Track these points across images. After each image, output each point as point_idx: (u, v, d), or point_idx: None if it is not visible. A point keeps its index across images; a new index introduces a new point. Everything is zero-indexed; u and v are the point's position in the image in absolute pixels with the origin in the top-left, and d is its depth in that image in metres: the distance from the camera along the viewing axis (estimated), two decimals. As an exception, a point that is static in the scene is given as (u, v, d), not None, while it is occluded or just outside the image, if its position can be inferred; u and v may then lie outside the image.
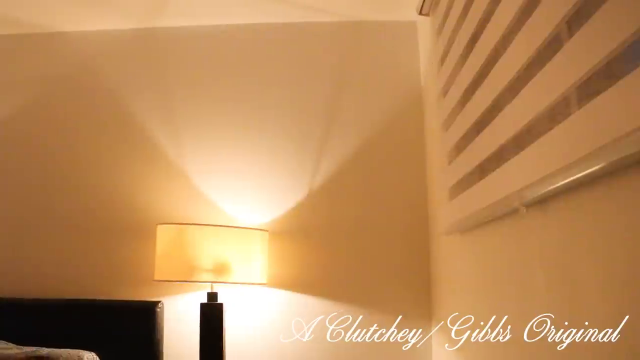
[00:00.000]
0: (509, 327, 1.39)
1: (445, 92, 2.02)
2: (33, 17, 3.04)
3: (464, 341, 1.94)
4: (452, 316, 2.17)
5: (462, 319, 1.97)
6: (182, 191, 2.90)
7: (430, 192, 2.68)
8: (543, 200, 1.12)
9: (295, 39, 3.00)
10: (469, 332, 1.87)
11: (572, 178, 0.93)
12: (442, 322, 2.39)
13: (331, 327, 2.73)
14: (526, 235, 1.26)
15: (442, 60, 2.08)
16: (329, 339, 2.72)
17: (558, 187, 1.00)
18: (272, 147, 2.90)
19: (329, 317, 2.74)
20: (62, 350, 2.58)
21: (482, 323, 1.67)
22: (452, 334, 2.15)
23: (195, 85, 3.01)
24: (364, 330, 2.71)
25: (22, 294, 2.90)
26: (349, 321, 2.72)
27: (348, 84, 2.91)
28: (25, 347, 2.63)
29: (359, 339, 2.70)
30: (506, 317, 1.42)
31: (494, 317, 1.53)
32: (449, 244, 2.17)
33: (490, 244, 1.57)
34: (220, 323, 2.53)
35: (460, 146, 1.77)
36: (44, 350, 2.57)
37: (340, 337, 2.72)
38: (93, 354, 2.58)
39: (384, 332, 2.69)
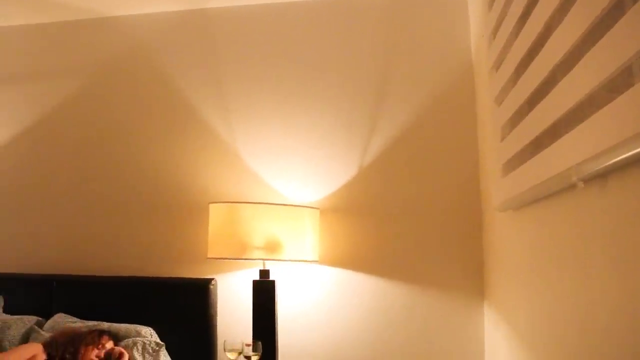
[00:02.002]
0: (565, 308, 1.36)
1: (497, 66, 1.97)
2: (83, 3, 3.10)
3: (517, 320, 1.91)
4: (505, 294, 2.14)
5: (516, 297, 1.94)
6: (233, 170, 2.94)
7: (482, 169, 2.64)
8: (602, 175, 1.09)
9: (344, 15, 2.97)
10: (522, 311, 1.84)
11: (634, 151, 0.89)
12: (495, 300, 2.36)
13: (383, 305, 2.74)
14: (584, 211, 1.22)
15: (494, 33, 2.03)
16: (380, 316, 2.73)
17: (619, 160, 0.96)
18: (322, 124, 2.90)
19: (381, 294, 2.74)
20: (122, 325, 2.67)
21: (536, 303, 1.65)
22: (505, 313, 2.13)
23: (244, 64, 3.03)
24: (416, 308, 2.70)
25: (84, 271, 3.02)
26: (401, 299, 2.72)
27: (398, 60, 2.88)
28: (88, 322, 2.74)
29: (410, 316, 2.70)
30: (562, 297, 1.39)
31: (549, 297, 1.50)
32: (503, 220, 2.14)
33: (546, 220, 1.53)
34: (272, 300, 2.58)
35: (514, 121, 1.73)
36: (105, 325, 2.67)
37: (392, 315, 2.72)
38: (150, 328, 2.67)
39: (435, 309, 2.68)
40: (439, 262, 2.72)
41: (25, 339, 2.70)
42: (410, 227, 2.77)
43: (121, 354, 2.44)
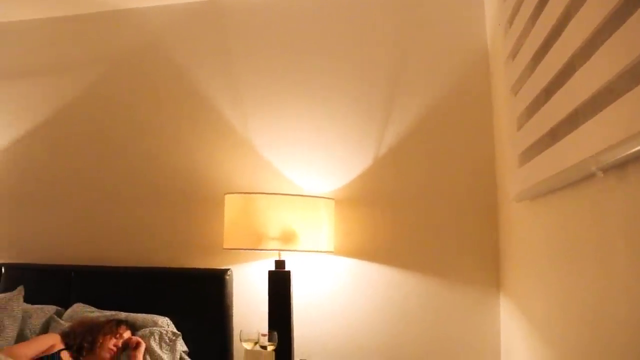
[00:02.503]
0: (583, 300, 1.35)
1: (513, 54, 1.95)
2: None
3: (534, 312, 1.90)
4: (521, 286, 2.13)
5: (532, 289, 1.93)
6: (248, 161, 2.95)
7: (498, 158, 2.62)
8: (622, 165, 1.07)
9: (359, 5, 2.96)
10: (539, 303, 1.83)
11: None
12: (511, 291, 2.35)
13: (397, 295, 2.74)
14: (604, 201, 1.21)
15: (510, 22, 2.00)
16: (395, 307, 2.73)
17: (639, 150, 0.95)
18: (337, 115, 2.89)
19: (396, 285, 2.74)
20: (139, 314, 2.70)
21: (553, 295, 1.63)
22: (522, 304, 2.12)
23: (258, 55, 3.03)
24: (431, 299, 2.70)
25: (102, 262, 3.05)
26: (416, 290, 2.72)
27: (412, 49, 2.86)
28: (106, 311, 2.77)
29: (425, 307, 2.70)
30: (580, 289, 1.38)
31: (566, 288, 1.49)
32: (519, 211, 2.12)
33: (564, 210, 1.52)
34: (288, 290, 2.58)
35: (531, 110, 1.71)
36: (122, 315, 2.70)
37: (407, 306, 2.72)
38: (167, 318, 2.69)
39: (451, 300, 2.68)
40: (454, 252, 2.71)
41: (46, 328, 2.74)
42: (425, 217, 2.76)
43: (138, 343, 2.47)
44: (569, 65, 1.32)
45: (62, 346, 2.46)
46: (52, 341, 2.47)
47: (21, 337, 2.68)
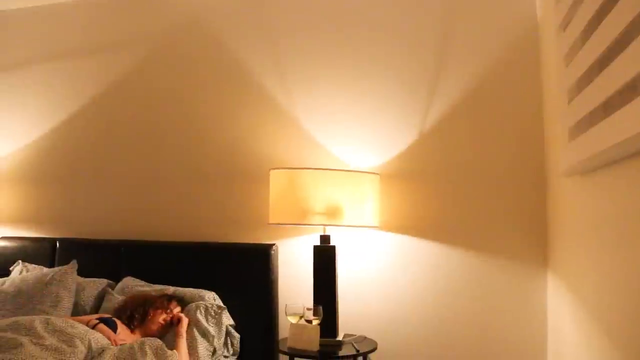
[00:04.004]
0: (636, 278, 1.31)
1: (565, 24, 1.89)
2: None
3: (584, 291, 1.86)
4: (571, 263, 2.08)
5: (582, 266, 1.89)
6: (293, 136, 2.96)
7: (547, 132, 2.56)
8: (680, 138, 1.03)
9: (402, -23, 2.90)
10: (589, 281, 1.79)
11: None
12: (560, 268, 2.31)
13: (443, 272, 2.72)
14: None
15: (562, -10, 1.94)
16: (440, 283, 2.72)
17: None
18: (382, 89, 2.87)
19: (441, 261, 2.73)
20: (186, 289, 2.76)
21: (604, 273, 1.60)
22: (571, 283, 2.08)
23: (302, 30, 3.02)
24: (477, 275, 2.68)
25: (150, 237, 3.12)
26: (461, 266, 2.70)
27: (459, 21, 2.80)
28: (154, 285, 2.85)
29: (471, 284, 2.68)
30: (633, 267, 1.34)
31: (618, 266, 1.45)
32: (569, 186, 2.07)
33: (616, 186, 1.48)
34: (333, 265, 2.60)
35: (583, 82, 1.65)
36: (170, 289, 2.77)
37: (452, 282, 2.71)
38: (213, 293, 2.75)
39: (497, 277, 2.65)
40: (501, 228, 2.67)
41: (99, 299, 2.84)
42: (471, 193, 2.72)
43: (180, 319, 2.52)
44: (625, 34, 1.27)
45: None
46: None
47: (76, 309, 2.79)
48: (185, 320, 2.52)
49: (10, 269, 3.09)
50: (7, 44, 3.61)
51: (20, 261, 3.10)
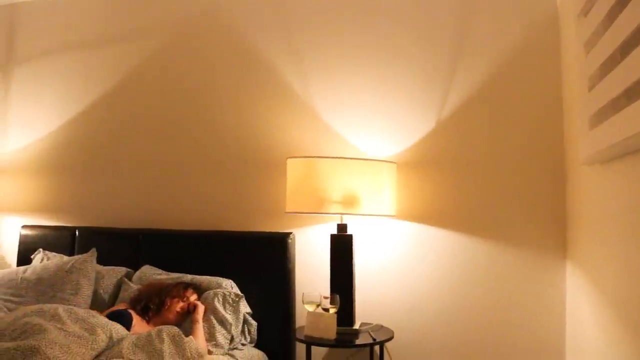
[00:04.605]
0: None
1: (586, 10, 1.86)
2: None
3: (603, 281, 1.85)
4: (590, 254, 2.07)
5: (602, 257, 1.87)
6: (310, 125, 2.95)
7: (566, 121, 2.53)
8: None
9: (420, -36, 2.87)
10: (609, 272, 1.77)
11: None
12: (579, 259, 2.29)
13: (460, 261, 2.71)
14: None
15: (584, -25, 1.91)
16: (457, 273, 2.71)
17: None
18: (399, 78, 2.85)
19: (458, 250, 2.72)
20: (204, 277, 2.78)
21: (624, 264, 1.58)
22: (590, 273, 2.06)
23: (319, 18, 3.00)
24: (495, 265, 2.67)
25: (168, 226, 3.14)
26: (479, 255, 2.69)
27: (477, 8, 2.77)
28: (172, 273, 2.87)
29: (489, 273, 2.67)
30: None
31: (639, 257, 1.44)
32: (589, 175, 2.05)
33: (638, 175, 1.46)
34: (350, 254, 2.60)
35: (604, 70, 1.63)
36: (188, 277, 2.79)
37: (470, 272, 2.70)
38: (231, 281, 2.76)
39: (515, 267, 2.64)
40: (519, 218, 2.65)
41: (117, 288, 2.87)
42: (490, 182, 2.70)
43: (196, 306, 2.54)
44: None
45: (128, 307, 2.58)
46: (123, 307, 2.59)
47: (95, 297, 2.82)
48: (201, 307, 2.54)
49: (32, 257, 3.14)
50: (25, 36, 3.64)
51: (41, 249, 3.15)
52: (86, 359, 1.97)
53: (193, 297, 2.61)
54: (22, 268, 2.96)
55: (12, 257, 3.45)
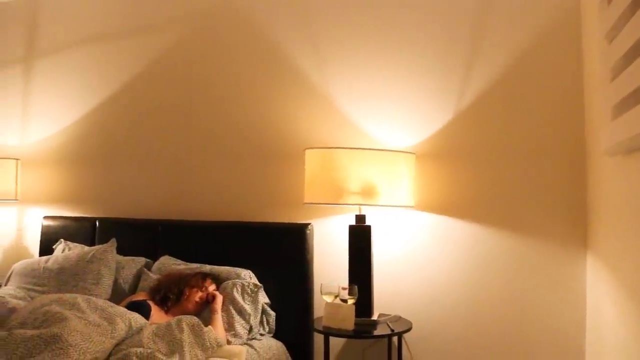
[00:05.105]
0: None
1: (609, -1, 1.83)
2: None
3: (624, 274, 1.83)
4: (611, 246, 2.04)
5: (624, 249, 1.85)
6: (328, 116, 2.95)
7: (588, 111, 2.50)
8: None
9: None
10: (630, 264, 1.75)
11: None
12: (600, 251, 2.26)
13: (479, 252, 2.70)
14: None
15: (607, -37, 1.87)
16: (476, 264, 2.70)
17: None
18: (417, 68, 2.83)
19: (477, 241, 2.70)
20: (222, 267, 2.80)
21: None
22: (611, 265, 2.04)
23: (337, 8, 2.99)
24: (514, 256, 2.65)
25: (187, 216, 3.17)
26: (498, 247, 2.67)
27: (497, -2, 2.73)
28: (191, 264, 2.89)
29: (508, 265, 2.66)
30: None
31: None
32: (611, 166, 2.02)
33: (662, 165, 1.44)
34: (368, 244, 2.60)
35: (628, 59, 1.61)
36: (207, 267, 2.81)
37: (489, 263, 2.69)
38: (249, 271, 2.78)
39: (535, 258, 2.62)
40: (539, 209, 2.63)
41: (137, 278, 2.90)
42: (509, 172, 2.68)
43: (214, 296, 2.56)
44: (674, 8, 1.23)
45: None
46: (142, 297, 2.61)
47: (115, 287, 2.85)
48: (219, 297, 2.56)
49: (54, 247, 3.18)
50: (45, 30, 3.67)
51: (62, 240, 3.19)
52: (106, 348, 2.00)
53: (212, 287, 2.63)
54: (44, 258, 3.01)
55: (34, 247, 3.51)
